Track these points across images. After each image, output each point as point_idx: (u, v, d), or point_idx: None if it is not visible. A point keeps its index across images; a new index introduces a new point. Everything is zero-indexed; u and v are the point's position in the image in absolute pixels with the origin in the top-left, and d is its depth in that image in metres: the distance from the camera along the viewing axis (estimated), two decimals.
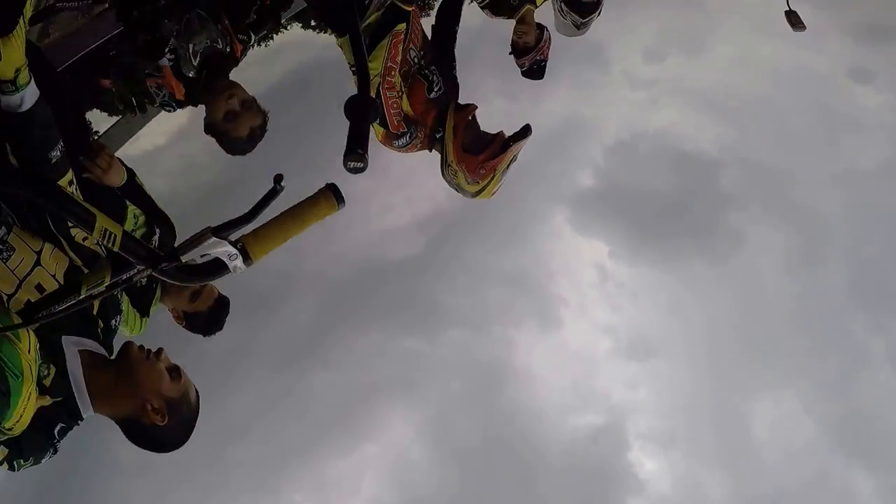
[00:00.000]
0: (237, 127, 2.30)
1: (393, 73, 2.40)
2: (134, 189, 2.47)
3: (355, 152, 1.34)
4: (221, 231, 1.04)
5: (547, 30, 3.36)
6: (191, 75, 2.24)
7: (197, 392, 1.73)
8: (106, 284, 1.05)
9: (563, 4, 3.25)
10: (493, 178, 2.54)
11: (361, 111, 1.42)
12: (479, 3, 3.32)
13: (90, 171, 2.02)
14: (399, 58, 2.41)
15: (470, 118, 2.56)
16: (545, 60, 3.39)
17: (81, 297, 1.05)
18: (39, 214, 1.62)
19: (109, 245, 0.99)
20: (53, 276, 1.61)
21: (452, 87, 2.68)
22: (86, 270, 1.71)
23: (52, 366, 1.56)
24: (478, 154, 2.50)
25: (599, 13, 3.29)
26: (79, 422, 1.61)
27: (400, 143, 2.55)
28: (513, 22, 3.33)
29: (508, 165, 2.55)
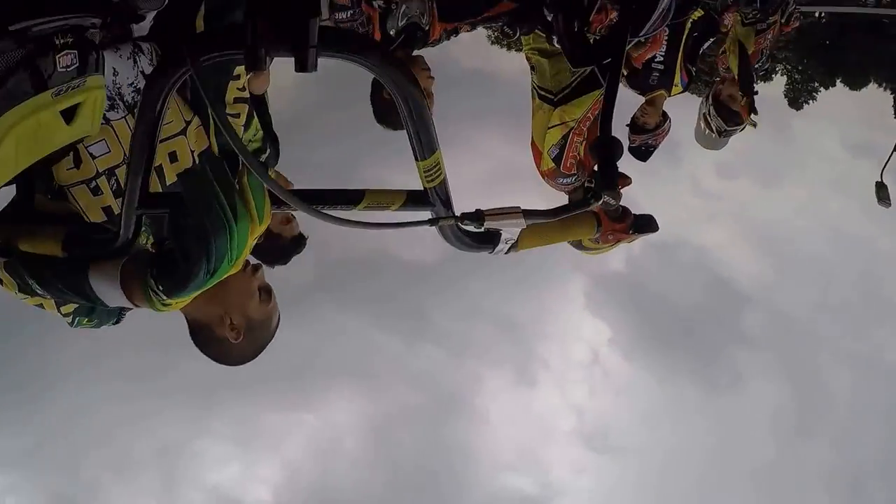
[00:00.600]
0: (429, 104, 2.37)
1: (587, 123, 2.46)
2: (262, 103, 2.43)
3: (613, 188, 1.35)
4: (529, 215, 1.02)
5: (670, 120, 3.43)
6: (391, 33, 2.31)
7: (279, 318, 1.66)
8: (395, 208, 1.00)
9: (712, 108, 3.32)
10: (610, 247, 2.59)
11: (610, 150, 1.43)
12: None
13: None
14: (598, 112, 2.47)
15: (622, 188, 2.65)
16: (655, 147, 3.44)
17: (356, 209, 0.98)
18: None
19: (426, 180, 0.95)
20: (192, 152, 1.55)
21: None
22: (220, 157, 1.65)
23: (150, 237, 1.50)
24: (612, 221, 2.55)
25: (743, 128, 3.37)
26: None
27: (563, 182, 2.64)
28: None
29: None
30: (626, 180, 2.73)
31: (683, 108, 3.68)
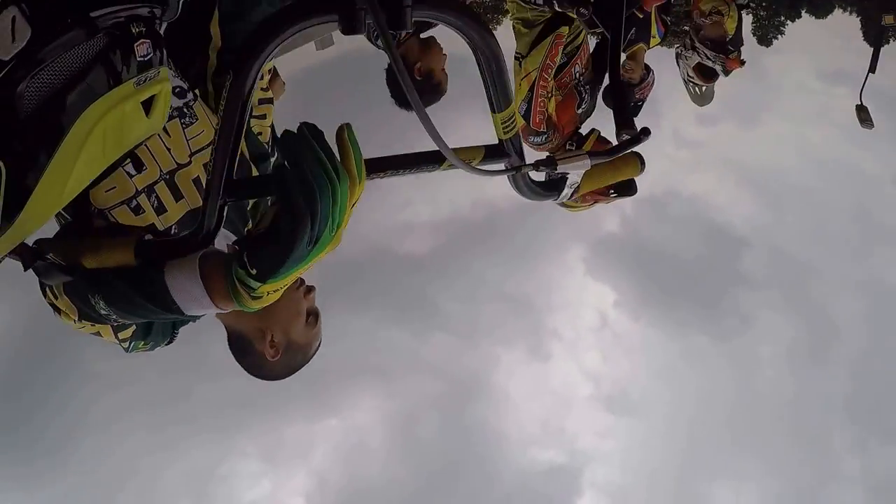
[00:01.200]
0: (445, 84, 2.51)
1: (549, 71, 2.54)
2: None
3: (631, 126, 1.42)
4: (595, 156, 1.08)
5: (653, 72, 3.51)
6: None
7: (320, 344, 1.64)
8: (475, 163, 1.03)
9: (709, 53, 3.41)
10: (589, 206, 2.68)
11: (621, 94, 1.48)
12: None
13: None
14: (557, 59, 2.52)
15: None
16: (643, 101, 3.52)
17: (440, 168, 1.00)
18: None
19: (503, 132, 1.00)
20: None
21: (592, 108, 2.82)
22: (251, 163, 1.64)
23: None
24: None
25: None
26: (195, 320, 1.53)
27: (535, 141, 2.69)
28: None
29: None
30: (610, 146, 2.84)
31: (657, 62, 3.77)
